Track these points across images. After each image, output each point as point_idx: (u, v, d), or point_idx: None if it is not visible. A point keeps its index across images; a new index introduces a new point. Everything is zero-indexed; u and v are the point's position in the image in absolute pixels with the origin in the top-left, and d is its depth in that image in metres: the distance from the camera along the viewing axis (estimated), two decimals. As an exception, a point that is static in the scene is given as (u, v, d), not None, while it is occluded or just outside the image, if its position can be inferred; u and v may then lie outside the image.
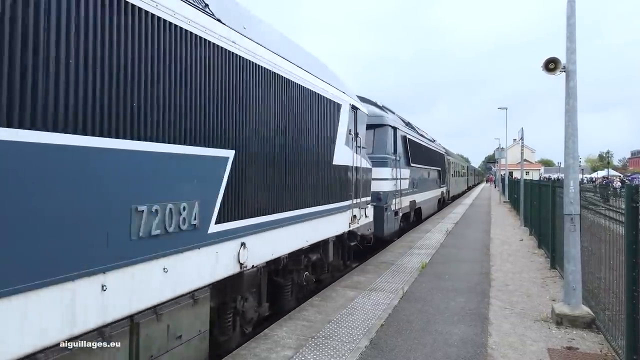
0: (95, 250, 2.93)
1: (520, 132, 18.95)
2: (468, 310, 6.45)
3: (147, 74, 3.37)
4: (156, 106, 3.46)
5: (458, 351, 4.95)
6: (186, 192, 3.83)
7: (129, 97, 3.19)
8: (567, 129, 6.05)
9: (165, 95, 3.56)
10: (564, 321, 5.84)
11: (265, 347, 4.95)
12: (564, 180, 6.18)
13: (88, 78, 2.86)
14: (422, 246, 12.07)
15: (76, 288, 2.79)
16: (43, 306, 2.58)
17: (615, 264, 4.99)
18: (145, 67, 3.34)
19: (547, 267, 9.42)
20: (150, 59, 3.38)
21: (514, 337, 5.46)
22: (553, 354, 4.94)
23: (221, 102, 4.33)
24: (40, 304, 2.55)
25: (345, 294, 7.18)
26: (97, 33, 2.93)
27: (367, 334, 5.42)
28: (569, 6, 6.06)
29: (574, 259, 5.98)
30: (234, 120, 4.56)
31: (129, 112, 3.20)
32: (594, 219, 6.36)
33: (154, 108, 3.44)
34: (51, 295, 2.61)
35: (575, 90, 6.05)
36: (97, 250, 2.94)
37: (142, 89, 3.32)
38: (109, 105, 3.02)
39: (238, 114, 4.63)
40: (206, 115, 4.09)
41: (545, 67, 6.15)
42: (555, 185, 9.61)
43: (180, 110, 3.74)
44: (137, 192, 3.29)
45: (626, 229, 4.41)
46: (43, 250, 2.57)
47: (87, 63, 2.85)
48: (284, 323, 5.74)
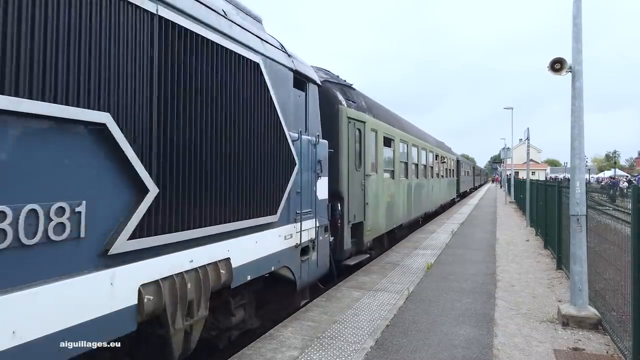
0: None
1: (526, 132, 18.88)
2: (474, 310, 6.45)
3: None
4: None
5: (464, 352, 4.95)
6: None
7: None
8: (574, 130, 6.03)
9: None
10: (570, 322, 5.82)
11: (271, 347, 4.98)
12: (570, 181, 6.15)
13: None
14: (427, 246, 12.06)
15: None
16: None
17: (622, 265, 4.97)
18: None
19: (553, 268, 9.38)
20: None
21: (519, 338, 5.45)
22: (559, 355, 4.92)
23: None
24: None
25: (350, 294, 7.19)
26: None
27: (372, 334, 5.43)
28: (575, 6, 6.04)
29: (580, 260, 5.96)
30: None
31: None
32: (600, 220, 6.34)
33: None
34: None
35: (581, 90, 6.02)
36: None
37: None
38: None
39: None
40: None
41: (551, 67, 6.13)
42: (561, 185, 9.57)
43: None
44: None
45: (633, 230, 4.40)
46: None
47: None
48: (290, 323, 5.77)
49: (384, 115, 12.06)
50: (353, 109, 9.14)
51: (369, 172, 9.84)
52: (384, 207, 11.04)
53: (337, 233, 8.19)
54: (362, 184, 9.37)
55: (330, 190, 7.63)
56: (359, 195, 9.21)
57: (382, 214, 10.87)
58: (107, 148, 3.12)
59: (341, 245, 8.32)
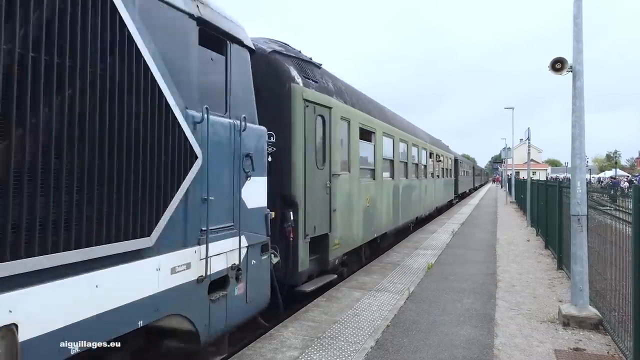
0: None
1: (527, 132, 18.86)
2: (474, 311, 6.44)
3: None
4: None
5: (464, 352, 4.94)
6: None
7: None
8: (574, 129, 6.03)
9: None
10: (571, 322, 5.81)
11: (271, 347, 4.97)
12: (571, 181, 6.15)
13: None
14: (428, 247, 12.05)
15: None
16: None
17: (623, 265, 4.96)
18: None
19: (554, 268, 9.37)
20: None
21: (520, 338, 5.44)
22: (560, 355, 4.91)
23: None
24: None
25: (350, 294, 7.19)
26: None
27: (373, 334, 5.42)
28: (575, 6, 6.04)
29: (581, 260, 5.95)
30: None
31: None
32: (601, 220, 6.33)
33: None
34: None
35: (582, 90, 6.02)
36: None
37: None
38: None
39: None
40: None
41: (551, 67, 6.12)
42: (562, 185, 9.56)
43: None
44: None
45: (633, 230, 4.39)
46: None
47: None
48: (290, 323, 5.76)
49: (362, 103, 9.85)
50: (313, 89, 7.09)
51: (338, 171, 7.83)
52: (360, 213, 9.07)
53: (288, 251, 6.40)
54: (327, 186, 7.44)
55: (278, 194, 6.21)
56: (322, 200, 7.28)
57: (357, 222, 8.92)
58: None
59: (294, 266, 6.49)
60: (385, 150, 11.32)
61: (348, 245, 8.44)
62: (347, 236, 8.39)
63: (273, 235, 5.67)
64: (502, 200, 33.70)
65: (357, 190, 8.94)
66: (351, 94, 9.30)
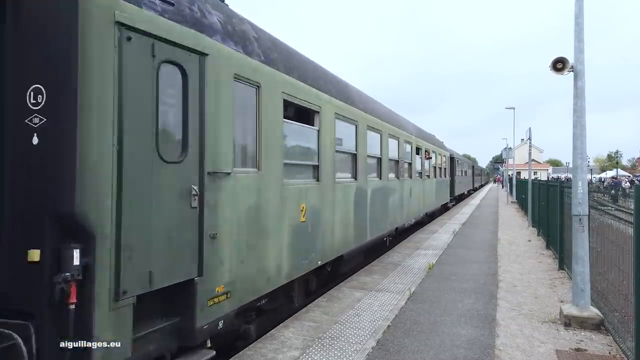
0: None
1: (528, 132, 18.85)
2: (475, 311, 6.43)
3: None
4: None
5: (465, 352, 4.93)
6: None
7: None
8: (575, 129, 6.02)
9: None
10: (572, 322, 5.80)
11: (272, 347, 4.97)
12: (572, 181, 6.14)
13: None
14: (429, 247, 12.04)
15: None
16: None
17: (624, 265, 4.95)
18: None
19: (555, 268, 9.35)
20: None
21: (521, 338, 5.43)
22: (561, 356, 4.91)
23: None
24: None
25: (351, 294, 7.18)
26: None
27: (373, 334, 5.42)
28: (576, 5, 6.03)
29: (582, 260, 5.94)
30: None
31: None
32: (602, 220, 6.32)
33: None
34: None
35: (583, 90, 6.01)
36: None
37: None
38: None
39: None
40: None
41: (553, 67, 6.12)
42: (563, 185, 9.55)
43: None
44: None
45: (635, 230, 4.38)
46: None
47: None
48: (291, 324, 5.76)
49: (295, 64, 6.54)
50: (157, 13, 3.85)
51: (226, 168, 4.59)
52: (285, 234, 5.88)
53: (66, 332, 3.13)
54: (193, 194, 4.14)
55: (46, 213, 3.26)
56: (177, 219, 3.99)
57: (277, 249, 5.67)
58: None
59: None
60: (344, 140, 8.24)
61: (254, 289, 5.17)
62: (250, 275, 5.06)
63: (29, 299, 3.23)
64: (503, 201, 33.68)
65: (277, 197, 5.70)
66: (275, 48, 6.06)
